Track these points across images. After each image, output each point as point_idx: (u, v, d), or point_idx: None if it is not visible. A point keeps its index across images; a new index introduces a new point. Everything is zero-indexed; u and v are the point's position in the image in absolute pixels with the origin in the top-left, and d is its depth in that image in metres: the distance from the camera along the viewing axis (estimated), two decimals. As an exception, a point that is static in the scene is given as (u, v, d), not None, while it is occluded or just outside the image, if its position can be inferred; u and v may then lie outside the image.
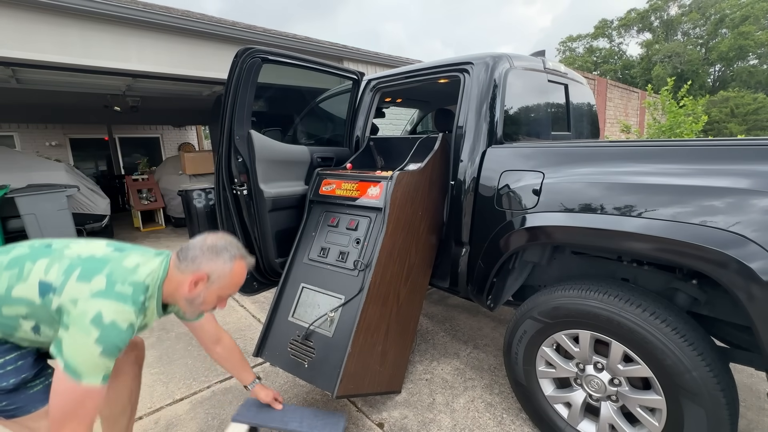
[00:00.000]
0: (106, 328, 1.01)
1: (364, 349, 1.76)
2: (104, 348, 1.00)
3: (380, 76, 2.70)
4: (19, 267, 1.09)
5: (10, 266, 1.10)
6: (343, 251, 1.99)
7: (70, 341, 1.00)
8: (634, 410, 1.45)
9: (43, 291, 1.05)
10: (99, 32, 4.01)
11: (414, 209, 1.95)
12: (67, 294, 1.04)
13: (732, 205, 1.19)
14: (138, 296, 1.10)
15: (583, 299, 1.49)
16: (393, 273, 1.89)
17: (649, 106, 8.92)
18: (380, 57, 6.88)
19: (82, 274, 1.07)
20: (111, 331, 1.02)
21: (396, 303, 1.93)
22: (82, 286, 1.05)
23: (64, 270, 1.08)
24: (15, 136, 8.90)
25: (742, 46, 26.96)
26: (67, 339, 1.00)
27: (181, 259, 1.20)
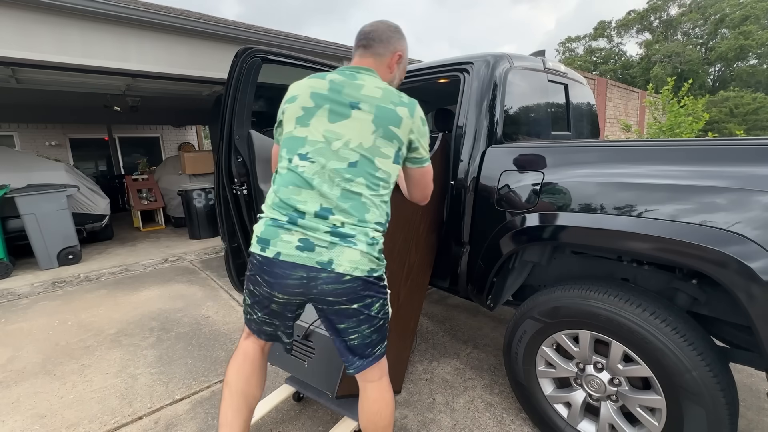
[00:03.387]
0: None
1: None
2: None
3: (380, 76, 2.70)
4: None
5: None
6: None
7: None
8: (634, 410, 1.45)
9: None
10: (99, 32, 4.01)
11: (414, 209, 1.92)
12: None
13: (732, 204, 1.19)
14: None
15: (583, 299, 1.49)
16: (392, 272, 1.87)
17: (650, 105, 8.91)
18: (380, 57, 6.86)
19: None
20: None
21: (396, 302, 1.92)
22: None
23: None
24: (15, 136, 8.90)
25: (742, 46, 26.96)
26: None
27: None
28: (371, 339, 1.28)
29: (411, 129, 1.23)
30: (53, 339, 2.95)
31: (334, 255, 1.14)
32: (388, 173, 1.22)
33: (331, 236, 1.14)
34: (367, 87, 1.22)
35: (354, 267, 1.16)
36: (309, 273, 1.15)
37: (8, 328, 3.18)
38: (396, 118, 1.19)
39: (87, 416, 2.04)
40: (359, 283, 1.18)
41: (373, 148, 1.18)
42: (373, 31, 1.34)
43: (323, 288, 1.17)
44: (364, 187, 1.17)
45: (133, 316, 3.32)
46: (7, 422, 2.02)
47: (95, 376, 2.43)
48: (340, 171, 1.16)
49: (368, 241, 1.18)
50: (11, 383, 2.38)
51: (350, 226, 1.16)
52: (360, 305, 1.22)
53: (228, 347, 2.69)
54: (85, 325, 3.19)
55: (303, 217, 1.15)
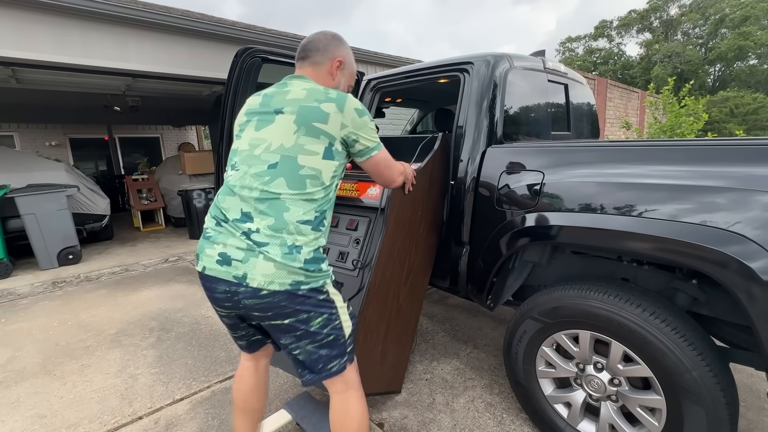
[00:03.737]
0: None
1: (364, 350, 1.75)
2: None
3: (380, 76, 2.70)
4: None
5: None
6: (342, 251, 1.98)
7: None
8: (634, 410, 1.45)
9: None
10: (99, 32, 4.01)
11: (414, 209, 1.93)
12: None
13: (732, 204, 1.19)
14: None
15: (583, 299, 1.49)
16: (393, 273, 1.88)
17: (651, 105, 8.92)
18: (380, 57, 6.88)
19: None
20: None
21: (396, 303, 1.92)
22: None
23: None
24: (15, 136, 8.89)
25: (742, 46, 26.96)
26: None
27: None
28: (319, 355, 1.22)
29: (343, 123, 1.21)
30: (53, 339, 2.95)
31: (248, 268, 1.11)
32: (317, 170, 1.18)
33: (247, 241, 1.11)
34: (293, 91, 1.23)
35: (269, 281, 1.11)
36: (230, 287, 1.14)
37: (8, 328, 3.18)
38: (321, 114, 1.18)
39: (87, 416, 2.04)
40: (282, 298, 1.13)
41: (295, 147, 1.16)
42: (310, 42, 1.36)
43: (246, 303, 1.15)
44: (284, 186, 1.14)
45: (133, 316, 3.32)
46: (7, 422, 2.02)
47: (95, 376, 2.43)
48: (259, 174, 1.16)
49: (285, 251, 1.12)
50: (11, 383, 2.38)
51: (266, 233, 1.12)
52: (293, 320, 1.17)
53: (228, 347, 2.69)
54: (85, 325, 3.19)
55: (226, 222, 1.16)
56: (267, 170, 1.16)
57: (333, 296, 1.24)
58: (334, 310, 1.24)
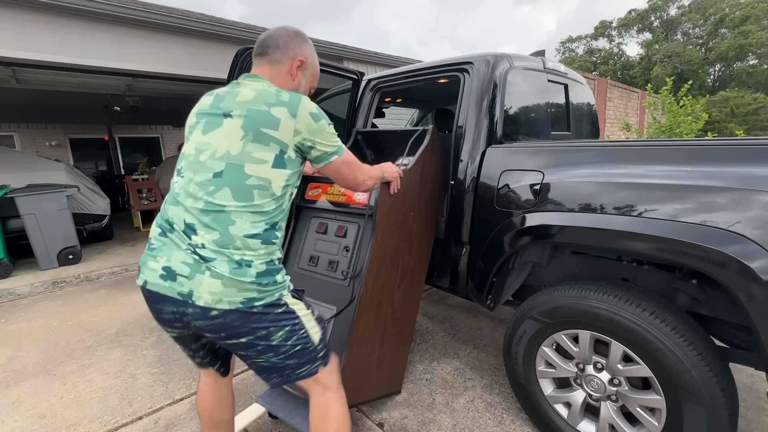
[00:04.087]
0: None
1: (359, 360, 1.73)
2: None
3: (380, 76, 2.70)
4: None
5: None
6: (332, 260, 1.91)
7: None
8: (634, 410, 1.45)
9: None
10: (99, 32, 4.02)
11: (405, 210, 1.87)
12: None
13: (732, 204, 1.19)
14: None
15: (583, 299, 1.49)
16: (386, 279, 1.82)
17: (650, 106, 8.92)
18: (380, 57, 6.88)
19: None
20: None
21: (390, 308, 1.88)
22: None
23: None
24: (15, 136, 8.89)
25: (742, 46, 26.96)
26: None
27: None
28: (285, 364, 1.15)
29: (296, 130, 1.11)
30: (53, 339, 2.95)
31: (194, 285, 1.02)
32: (265, 179, 1.09)
33: (193, 255, 1.03)
34: (243, 93, 1.13)
35: (216, 299, 1.02)
36: (177, 307, 1.05)
37: (8, 328, 3.18)
38: (270, 120, 1.08)
39: (87, 416, 2.04)
40: (234, 317, 1.04)
41: (242, 155, 1.07)
42: (269, 37, 1.25)
43: (196, 324, 1.06)
44: (229, 198, 1.06)
45: (133, 316, 3.32)
46: (7, 422, 2.02)
47: (95, 376, 2.43)
48: (204, 183, 1.07)
49: (234, 266, 1.04)
50: (11, 383, 2.38)
51: (211, 248, 1.03)
52: (251, 338, 1.08)
53: (228, 347, 2.69)
54: (85, 325, 3.19)
55: (171, 232, 1.07)
56: (212, 179, 1.07)
57: (293, 306, 1.16)
58: (297, 320, 1.15)
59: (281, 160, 1.12)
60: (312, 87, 1.37)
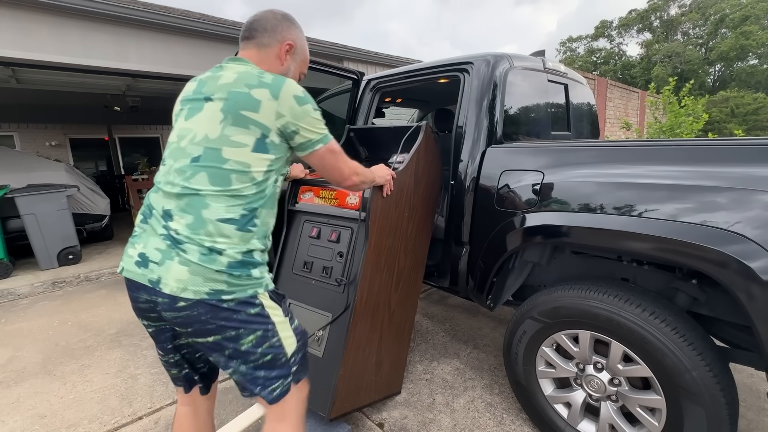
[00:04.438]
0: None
1: (357, 366, 1.71)
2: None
3: (380, 76, 2.70)
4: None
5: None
6: (326, 266, 1.88)
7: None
8: (634, 410, 1.45)
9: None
10: (99, 32, 4.02)
11: (399, 212, 1.83)
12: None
13: (732, 204, 1.19)
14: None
15: (583, 299, 1.49)
16: (381, 283, 1.80)
17: (651, 105, 8.92)
18: (380, 57, 6.88)
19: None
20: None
21: (387, 311, 1.86)
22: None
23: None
24: (15, 136, 8.89)
25: (742, 46, 26.97)
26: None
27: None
28: (255, 376, 1.07)
29: (278, 113, 1.05)
30: (53, 339, 2.95)
31: (162, 272, 0.98)
32: (244, 164, 1.03)
33: (166, 241, 1.00)
34: (224, 76, 1.09)
35: (181, 287, 0.97)
36: (150, 295, 1.01)
37: (8, 328, 3.18)
38: (250, 101, 1.03)
39: (87, 416, 2.04)
40: (202, 311, 0.98)
41: (220, 138, 1.03)
42: (256, 20, 1.20)
43: (166, 315, 1.02)
44: (205, 182, 1.01)
45: (133, 316, 3.31)
46: (7, 422, 2.02)
47: (95, 376, 2.43)
48: (182, 169, 1.04)
49: (203, 252, 0.98)
50: (11, 383, 2.38)
51: (184, 233, 0.99)
52: (218, 338, 1.02)
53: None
54: (85, 325, 3.19)
55: (150, 217, 1.05)
56: (189, 164, 1.04)
57: (268, 309, 1.07)
58: (270, 326, 1.07)
59: (263, 144, 1.06)
60: (302, 73, 1.32)
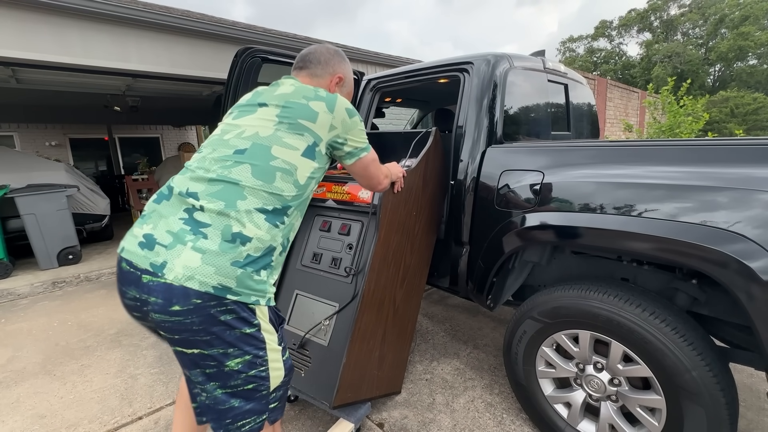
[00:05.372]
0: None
1: (361, 357, 1.74)
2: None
3: (380, 76, 2.70)
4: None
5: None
6: (335, 257, 1.93)
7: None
8: (634, 410, 1.45)
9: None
10: (99, 32, 4.01)
11: (408, 210, 1.89)
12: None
13: (732, 203, 1.19)
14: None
15: (583, 299, 1.49)
16: (388, 277, 1.84)
17: (650, 106, 8.92)
18: (380, 57, 6.88)
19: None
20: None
21: (392, 307, 1.89)
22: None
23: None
24: (15, 136, 8.90)
25: (741, 46, 26.97)
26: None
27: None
28: (229, 405, 0.98)
29: (332, 125, 1.13)
30: (53, 339, 2.95)
31: (170, 256, 0.91)
32: (292, 165, 1.06)
33: (182, 224, 0.94)
34: (282, 88, 1.17)
35: (187, 275, 0.89)
36: (141, 293, 0.93)
37: (8, 328, 3.18)
38: (309, 112, 1.10)
39: (87, 416, 2.04)
40: (196, 319, 0.90)
41: (272, 137, 1.05)
42: (311, 53, 1.30)
43: (155, 317, 0.93)
44: (247, 175, 1.00)
45: (133, 316, 3.32)
46: (7, 422, 2.02)
47: (95, 376, 2.43)
48: (222, 158, 1.03)
49: (227, 239, 0.94)
50: (11, 383, 2.38)
51: (211, 212, 0.95)
52: (205, 352, 0.93)
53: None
54: (85, 325, 3.19)
55: (169, 197, 1.02)
56: (232, 155, 1.02)
57: (264, 333, 1.00)
58: (262, 352, 0.99)
59: (312, 152, 1.11)
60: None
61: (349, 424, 1.72)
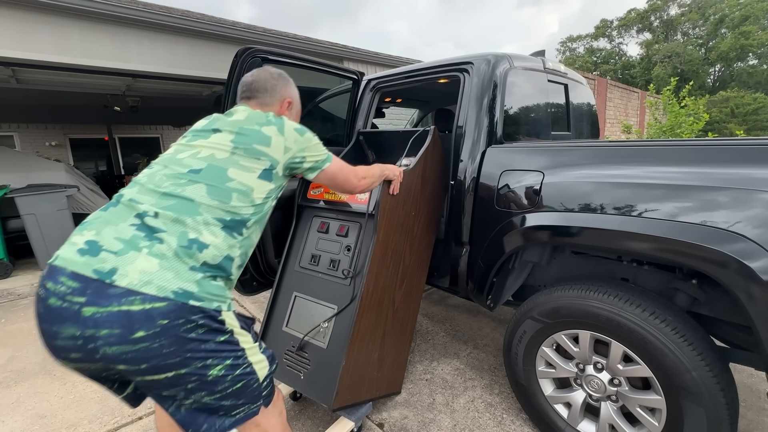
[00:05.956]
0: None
1: (360, 359, 1.73)
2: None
3: (380, 76, 2.70)
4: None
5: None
6: (334, 259, 1.90)
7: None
8: (634, 410, 1.45)
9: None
10: (99, 32, 4.02)
11: (406, 210, 1.88)
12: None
13: (732, 203, 1.19)
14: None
15: (583, 299, 1.49)
16: (387, 279, 1.83)
17: (651, 106, 8.92)
18: (380, 57, 6.88)
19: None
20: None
21: (391, 308, 1.88)
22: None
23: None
24: (15, 136, 8.90)
25: (742, 46, 26.98)
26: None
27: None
28: (220, 405, 0.96)
29: (286, 147, 1.16)
30: (53, 339, 2.94)
31: (122, 262, 0.84)
32: (248, 186, 1.07)
33: (134, 230, 0.90)
34: (235, 115, 1.20)
35: (144, 280, 0.83)
36: (83, 328, 0.81)
37: (8, 328, 3.18)
38: (262, 137, 1.13)
39: (87, 416, 2.04)
40: (165, 342, 0.83)
41: (228, 160, 1.07)
42: (255, 81, 1.30)
43: (109, 352, 0.81)
44: (202, 194, 0.99)
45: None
46: (7, 422, 2.02)
47: (95, 376, 2.43)
48: (175, 175, 1.01)
49: (183, 244, 0.90)
50: (11, 383, 2.38)
51: (165, 219, 0.92)
52: (181, 371, 0.86)
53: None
54: (85, 325, 3.18)
55: (117, 204, 0.97)
56: (186, 173, 1.01)
57: (238, 336, 0.99)
58: (240, 352, 0.98)
59: (269, 174, 1.13)
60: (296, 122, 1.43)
61: (349, 422, 1.73)
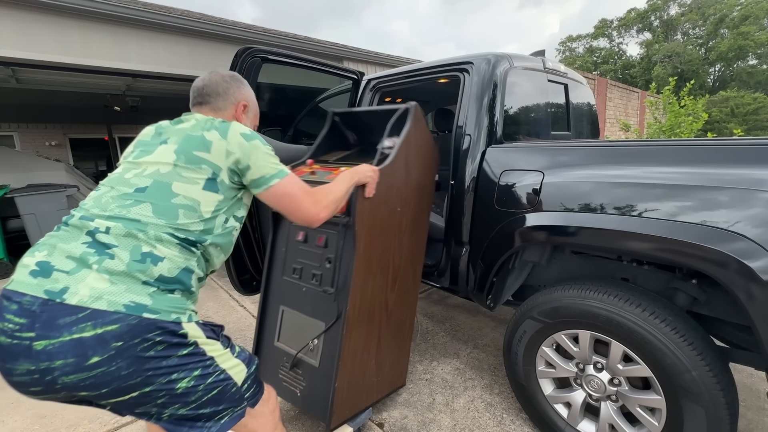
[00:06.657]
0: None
1: (355, 373, 1.69)
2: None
3: (380, 76, 2.70)
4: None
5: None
6: (316, 273, 1.76)
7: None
8: (634, 410, 1.45)
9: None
10: (99, 32, 4.02)
11: (390, 208, 1.73)
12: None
13: (732, 203, 1.19)
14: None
15: (583, 299, 1.49)
16: (375, 286, 1.72)
17: (651, 106, 8.92)
18: (380, 57, 6.88)
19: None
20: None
21: (385, 312, 1.81)
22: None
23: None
24: (15, 136, 8.90)
25: (741, 46, 26.99)
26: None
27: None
28: (198, 413, 0.93)
29: (228, 151, 1.06)
30: (53, 339, 2.94)
31: (73, 281, 0.83)
32: (194, 200, 1.01)
33: (85, 247, 0.88)
34: (183, 123, 1.13)
35: (95, 296, 0.82)
36: (37, 362, 0.78)
37: (8, 328, 3.18)
38: (203, 142, 1.05)
39: (87, 416, 2.04)
40: (122, 363, 0.80)
41: (171, 173, 1.02)
42: (206, 86, 1.22)
43: (67, 381, 0.79)
44: (148, 213, 0.95)
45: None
46: (7, 422, 2.02)
47: (95, 376, 2.42)
48: (121, 196, 0.98)
49: (136, 258, 0.88)
50: (11, 383, 2.38)
51: (116, 234, 0.90)
52: (146, 390, 0.84)
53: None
54: (85, 325, 3.18)
55: (67, 225, 0.94)
56: (132, 193, 0.98)
57: (204, 346, 0.94)
58: (209, 361, 0.94)
59: (213, 184, 1.05)
60: (255, 125, 1.37)
61: (348, 428, 1.70)
